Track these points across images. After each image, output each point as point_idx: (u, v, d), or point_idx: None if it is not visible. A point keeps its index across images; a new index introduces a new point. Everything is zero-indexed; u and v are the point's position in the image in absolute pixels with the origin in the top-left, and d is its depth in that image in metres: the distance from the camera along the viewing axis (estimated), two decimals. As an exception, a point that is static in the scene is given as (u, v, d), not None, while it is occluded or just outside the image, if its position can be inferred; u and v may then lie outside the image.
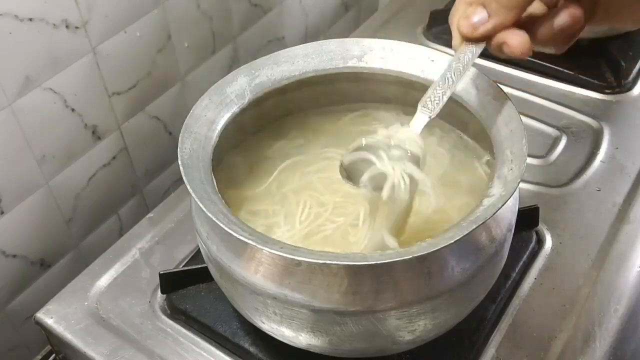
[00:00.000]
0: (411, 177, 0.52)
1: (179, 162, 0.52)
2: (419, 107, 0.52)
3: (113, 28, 0.72)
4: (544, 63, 0.91)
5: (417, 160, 0.52)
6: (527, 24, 0.47)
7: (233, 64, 0.93)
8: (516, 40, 0.46)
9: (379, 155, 0.53)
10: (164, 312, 0.65)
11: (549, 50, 0.49)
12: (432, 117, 0.51)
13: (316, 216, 0.59)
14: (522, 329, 0.61)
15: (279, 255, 0.46)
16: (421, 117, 0.52)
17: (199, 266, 0.64)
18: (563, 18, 0.46)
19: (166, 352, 0.61)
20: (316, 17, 1.09)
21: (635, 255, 0.67)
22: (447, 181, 0.61)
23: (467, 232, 0.45)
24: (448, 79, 0.51)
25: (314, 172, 0.63)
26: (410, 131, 0.52)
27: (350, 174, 0.53)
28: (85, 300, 0.66)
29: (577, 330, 0.61)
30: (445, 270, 0.49)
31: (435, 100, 0.51)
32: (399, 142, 0.52)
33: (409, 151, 0.52)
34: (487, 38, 0.48)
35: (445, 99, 0.51)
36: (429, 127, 0.52)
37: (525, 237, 0.69)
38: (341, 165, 0.54)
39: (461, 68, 0.50)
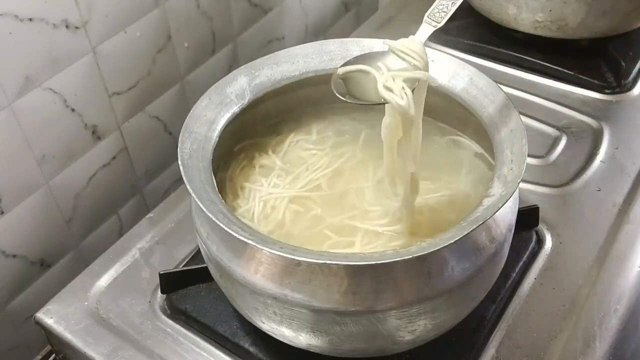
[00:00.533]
0: (415, 83, 0.49)
1: (179, 162, 0.52)
2: (425, 17, 0.49)
3: (113, 28, 0.72)
4: (544, 63, 0.91)
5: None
6: None
7: (233, 64, 0.93)
8: None
9: (377, 67, 0.50)
10: (164, 312, 0.65)
11: None
12: (438, 27, 0.49)
13: (316, 188, 0.59)
14: (522, 329, 0.61)
15: (279, 255, 0.46)
16: (426, 28, 0.49)
17: (199, 266, 0.64)
18: None
19: (166, 352, 0.61)
20: (316, 17, 1.09)
21: (635, 255, 0.67)
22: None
23: (467, 232, 0.45)
24: None
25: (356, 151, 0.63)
26: (413, 39, 0.50)
27: (344, 87, 0.50)
28: (85, 300, 0.66)
29: (577, 330, 0.61)
30: (445, 270, 0.49)
31: (442, 10, 0.49)
32: (401, 48, 0.50)
33: (411, 63, 0.50)
34: None
35: (453, 9, 0.49)
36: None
37: (525, 237, 0.69)
38: (334, 77, 0.51)
39: None
